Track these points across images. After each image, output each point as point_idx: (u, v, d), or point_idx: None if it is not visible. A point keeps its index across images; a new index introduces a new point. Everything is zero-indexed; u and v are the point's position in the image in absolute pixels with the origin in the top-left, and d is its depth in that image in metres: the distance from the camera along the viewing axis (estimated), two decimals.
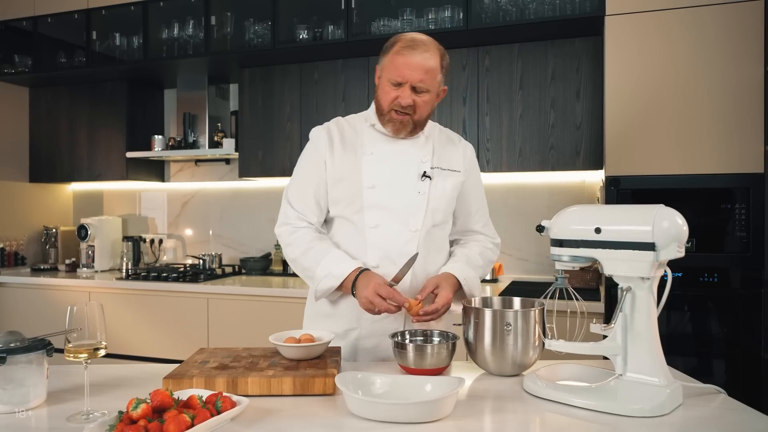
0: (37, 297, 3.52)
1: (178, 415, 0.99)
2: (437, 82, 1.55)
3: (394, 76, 1.51)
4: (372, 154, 1.60)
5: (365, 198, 1.58)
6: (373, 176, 1.58)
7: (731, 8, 2.34)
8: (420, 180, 1.59)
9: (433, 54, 1.52)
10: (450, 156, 1.67)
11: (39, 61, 3.67)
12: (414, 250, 1.57)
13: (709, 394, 1.27)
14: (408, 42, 1.51)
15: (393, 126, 1.57)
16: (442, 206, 1.62)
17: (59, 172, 3.91)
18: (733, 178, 2.35)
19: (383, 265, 1.57)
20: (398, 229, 1.57)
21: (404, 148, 1.62)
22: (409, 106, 1.52)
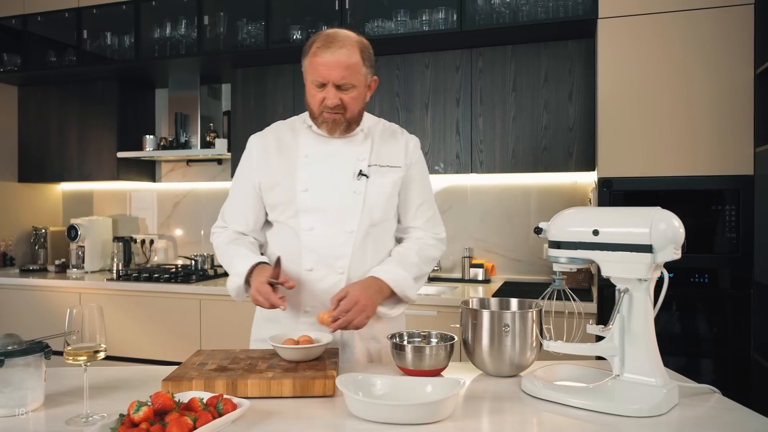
0: (27, 298, 3.48)
1: (179, 417, 0.99)
2: (361, 75, 1.51)
3: (315, 78, 1.49)
4: (307, 157, 1.59)
5: (300, 201, 1.56)
6: (307, 179, 1.57)
7: (722, 12, 2.38)
8: (356, 179, 1.57)
9: (350, 49, 1.48)
10: (390, 151, 1.63)
11: (28, 60, 3.63)
12: (350, 251, 1.56)
13: (704, 394, 1.28)
14: (323, 41, 1.48)
15: (327, 126, 1.55)
16: (380, 204, 1.58)
17: (49, 171, 3.87)
18: (723, 180, 2.38)
19: (318, 268, 1.57)
20: (334, 231, 1.56)
21: (340, 148, 1.60)
22: (337, 106, 1.50)
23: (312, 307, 1.59)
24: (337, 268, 1.57)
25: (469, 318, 1.41)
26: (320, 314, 1.46)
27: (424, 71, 3.10)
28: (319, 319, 1.45)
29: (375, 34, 2.99)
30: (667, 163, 2.45)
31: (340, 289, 1.50)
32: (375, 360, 1.64)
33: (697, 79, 2.42)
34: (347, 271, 1.56)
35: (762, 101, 2.33)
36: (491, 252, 3.31)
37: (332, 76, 1.47)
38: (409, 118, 3.12)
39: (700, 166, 2.41)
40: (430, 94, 3.09)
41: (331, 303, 1.47)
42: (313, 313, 1.58)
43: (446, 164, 3.06)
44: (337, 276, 1.57)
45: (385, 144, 1.64)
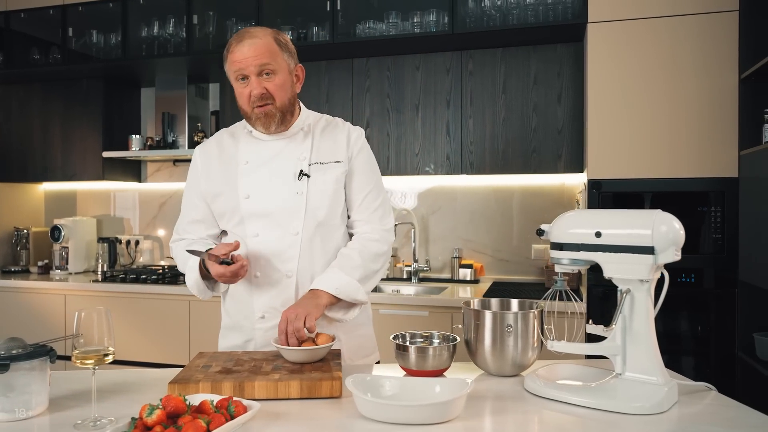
0: (8, 300, 3.42)
1: (193, 420, 0.99)
2: (281, 60, 1.51)
3: (236, 73, 1.50)
4: (247, 163, 1.57)
5: (243, 208, 1.56)
6: (249, 185, 1.56)
7: (708, 18, 2.43)
8: (297, 180, 1.55)
9: (262, 37, 1.49)
10: (331, 146, 1.60)
11: (11, 58, 3.57)
12: (297, 254, 1.54)
13: (700, 392, 1.32)
14: (235, 38, 1.51)
15: (261, 122, 1.53)
16: (324, 203, 1.56)
17: (31, 171, 3.80)
18: (709, 182, 2.44)
19: (266, 273, 1.56)
20: (279, 234, 1.55)
21: (280, 150, 1.58)
22: (263, 95, 1.49)
23: (266, 312, 1.58)
24: (286, 272, 1.55)
25: (472, 318, 1.42)
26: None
27: (415, 73, 3.12)
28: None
29: (366, 35, 3.00)
30: (655, 166, 2.50)
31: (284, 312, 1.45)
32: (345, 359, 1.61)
33: (683, 84, 2.47)
34: (295, 274, 1.55)
35: (746, 105, 2.39)
36: (480, 252, 3.34)
37: (249, 63, 1.47)
38: (400, 119, 3.13)
39: (687, 168, 2.47)
40: (420, 96, 3.11)
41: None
42: (269, 319, 1.57)
43: (437, 165, 3.09)
44: (285, 279, 1.56)
45: (326, 140, 1.62)
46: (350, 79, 3.18)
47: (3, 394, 1.11)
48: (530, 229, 3.26)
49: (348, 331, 1.62)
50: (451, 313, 2.73)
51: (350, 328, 1.63)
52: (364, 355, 1.67)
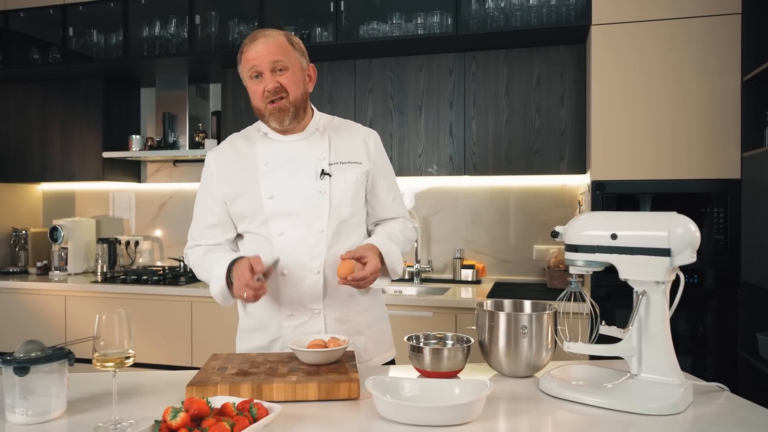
0: (8, 301, 3.39)
1: (218, 423, 0.99)
2: (294, 57, 1.55)
3: (250, 71, 1.53)
4: (267, 164, 1.59)
5: (267, 209, 1.57)
6: (271, 186, 1.58)
7: (711, 21, 2.45)
8: (319, 179, 1.58)
9: (275, 36, 1.54)
10: (349, 147, 1.64)
11: (10, 57, 3.54)
12: (323, 250, 1.57)
13: (713, 392, 1.33)
14: (248, 39, 1.55)
15: (275, 117, 1.54)
16: (346, 201, 1.60)
17: (29, 171, 3.77)
18: (711, 184, 2.46)
19: (293, 271, 1.57)
20: (304, 232, 1.57)
21: (299, 150, 1.60)
22: (277, 89, 1.51)
23: (294, 310, 1.59)
24: (313, 269, 1.58)
25: (486, 320, 1.43)
26: (341, 268, 1.45)
27: (418, 74, 3.12)
28: (339, 272, 1.45)
29: (369, 36, 3.01)
30: (658, 167, 2.52)
31: (358, 247, 1.53)
32: (362, 352, 1.64)
33: (686, 86, 2.49)
34: (323, 270, 1.58)
35: (749, 107, 2.41)
36: (481, 253, 3.35)
37: (263, 60, 1.51)
38: (403, 120, 3.14)
39: (690, 169, 2.49)
40: (423, 97, 3.12)
41: (349, 253, 1.48)
42: (297, 316, 1.59)
43: (439, 166, 3.09)
44: (314, 276, 1.58)
45: (342, 140, 1.65)
46: (353, 79, 3.18)
47: (22, 397, 1.11)
48: (531, 230, 3.27)
49: (370, 326, 1.66)
50: (455, 314, 2.73)
51: (371, 323, 1.67)
52: (384, 350, 1.71)
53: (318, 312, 1.59)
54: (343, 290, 1.60)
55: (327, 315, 1.59)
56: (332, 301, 1.60)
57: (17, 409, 1.11)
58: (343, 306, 1.61)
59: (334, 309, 1.60)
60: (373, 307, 1.69)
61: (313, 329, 1.58)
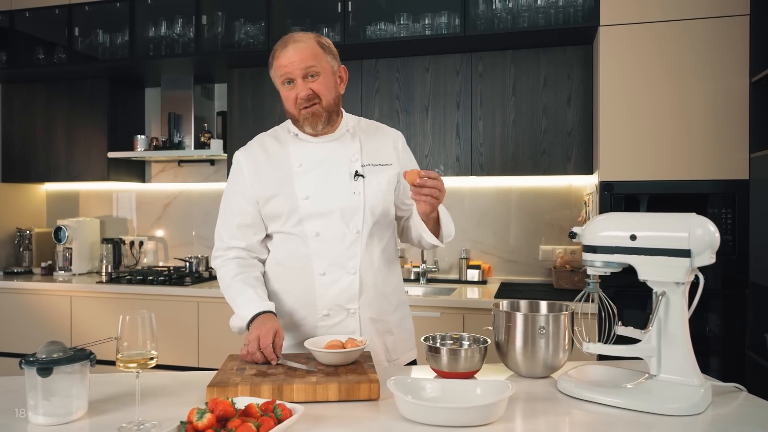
0: (12, 301, 3.39)
1: (243, 423, 0.99)
2: (325, 62, 1.56)
3: (282, 77, 1.55)
4: (301, 166, 1.61)
5: (302, 209, 1.58)
6: (307, 186, 1.59)
7: (719, 22, 2.46)
8: (353, 180, 1.60)
9: (306, 41, 1.54)
10: (379, 149, 1.67)
11: (15, 57, 3.53)
12: (359, 251, 1.59)
13: (730, 392, 1.34)
14: (279, 45, 1.56)
15: (309, 123, 1.56)
16: (379, 201, 1.62)
17: (34, 171, 3.77)
18: (719, 184, 2.47)
19: (330, 271, 1.58)
20: (341, 231, 1.59)
21: (332, 151, 1.62)
22: (310, 96, 1.53)
23: (330, 309, 1.60)
24: (349, 269, 1.59)
25: (503, 320, 1.43)
26: (409, 175, 1.43)
27: (425, 74, 3.12)
28: (408, 175, 1.43)
29: (377, 37, 3.01)
30: (667, 168, 2.52)
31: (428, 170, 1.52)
32: (391, 350, 1.67)
33: (695, 87, 2.50)
34: (359, 270, 1.59)
35: (757, 109, 2.42)
36: (487, 253, 3.35)
37: (295, 67, 1.52)
38: (409, 120, 3.14)
39: (698, 170, 2.50)
40: (430, 97, 3.12)
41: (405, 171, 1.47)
42: (333, 316, 1.60)
43: (446, 167, 3.10)
44: (350, 276, 1.59)
45: (373, 142, 1.68)
46: (359, 80, 3.18)
47: (45, 398, 1.11)
48: (537, 231, 3.28)
49: (398, 325, 1.68)
50: (462, 314, 2.74)
51: (399, 322, 1.69)
52: (409, 348, 1.74)
53: (353, 312, 1.60)
54: (376, 290, 1.62)
55: (362, 315, 1.61)
56: (366, 301, 1.61)
57: (40, 409, 1.11)
58: (377, 306, 1.63)
59: (368, 308, 1.61)
60: (400, 306, 1.72)
61: (347, 329, 1.59)
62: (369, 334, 1.61)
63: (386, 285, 1.66)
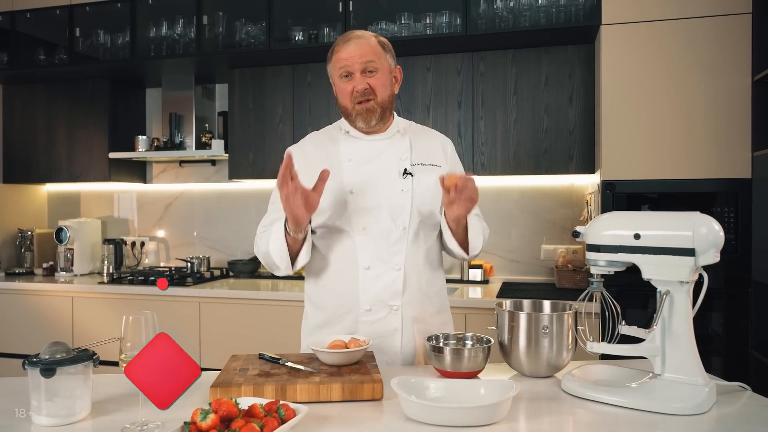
0: (14, 302, 3.38)
1: (247, 424, 0.99)
2: (385, 59, 1.60)
3: (341, 70, 1.57)
4: (350, 161, 1.62)
5: (350, 203, 1.59)
6: (355, 181, 1.60)
7: (721, 20, 2.46)
8: (402, 178, 1.61)
9: (367, 38, 1.59)
10: (429, 150, 1.69)
11: (16, 58, 3.53)
12: (404, 248, 1.59)
13: (735, 392, 1.33)
14: (341, 39, 1.60)
15: (362, 118, 1.58)
16: (427, 201, 1.63)
17: (35, 172, 3.77)
18: (722, 183, 2.46)
19: (375, 266, 1.59)
20: (387, 228, 1.59)
21: (382, 149, 1.64)
22: (366, 90, 1.56)
23: (373, 305, 1.59)
24: (394, 265, 1.59)
25: (506, 320, 1.43)
26: (448, 179, 1.44)
27: (426, 74, 3.12)
28: (449, 179, 1.43)
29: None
30: (669, 167, 2.52)
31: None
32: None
33: (697, 85, 2.49)
34: (404, 267, 1.59)
35: (759, 107, 2.41)
36: (489, 253, 3.35)
37: (355, 61, 1.55)
38: (411, 120, 3.12)
39: (700, 169, 2.49)
40: (431, 97, 3.12)
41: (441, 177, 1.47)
42: (375, 311, 1.59)
43: None
44: (394, 273, 1.59)
45: (423, 143, 1.70)
46: None
47: (48, 399, 1.11)
48: (539, 230, 3.28)
49: (438, 329, 1.66)
50: (465, 314, 2.73)
51: (440, 326, 1.68)
52: None
53: (396, 309, 1.59)
54: (419, 290, 1.62)
55: (404, 313, 1.60)
56: (410, 299, 1.61)
57: (43, 410, 1.11)
58: (419, 305, 1.62)
59: (410, 307, 1.61)
60: (443, 311, 1.71)
61: (390, 326, 1.59)
62: (410, 334, 1.61)
63: (430, 286, 1.66)
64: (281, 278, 3.39)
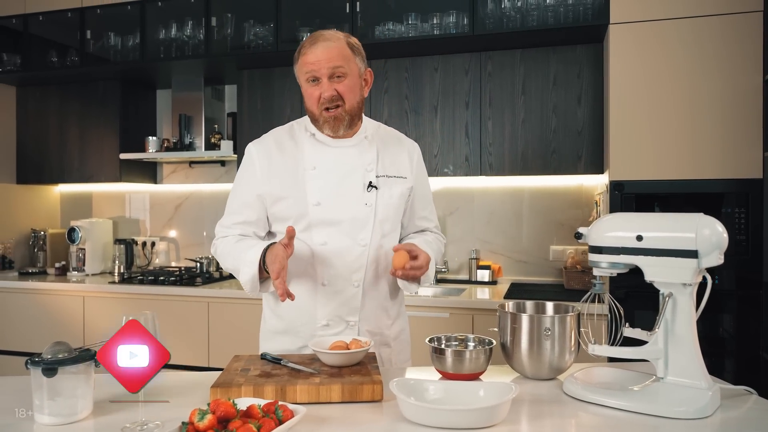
0: (27, 302, 3.43)
1: (244, 425, 0.99)
2: (353, 64, 1.53)
3: (307, 73, 1.51)
4: (315, 169, 1.56)
5: (312, 215, 1.55)
6: (318, 192, 1.55)
7: (732, 19, 2.42)
8: (366, 191, 1.57)
9: (336, 41, 1.51)
10: (395, 159, 1.64)
11: (28, 60, 3.58)
12: (364, 264, 1.56)
13: (740, 395, 1.31)
14: (309, 40, 1.52)
15: (329, 125, 1.53)
16: (390, 215, 1.60)
17: (48, 173, 3.82)
18: (733, 184, 2.43)
19: (333, 282, 1.56)
20: (347, 244, 1.55)
21: (348, 158, 1.58)
22: (334, 97, 1.49)
23: (330, 320, 1.58)
24: (353, 281, 1.57)
25: (508, 321, 1.42)
26: (397, 259, 1.47)
27: (433, 74, 3.12)
28: (396, 263, 1.47)
29: (385, 37, 3.00)
30: (678, 167, 2.49)
31: (406, 243, 1.55)
32: (386, 362, 1.65)
33: (707, 84, 2.46)
34: (362, 284, 1.57)
35: None
36: (497, 254, 3.33)
37: (322, 65, 1.48)
38: (418, 120, 3.13)
39: (710, 169, 2.46)
40: (439, 97, 3.11)
41: (395, 249, 1.49)
42: (333, 326, 1.58)
43: (455, 167, 3.08)
44: (353, 289, 1.57)
45: (390, 152, 1.65)
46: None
47: (50, 398, 1.12)
48: (547, 231, 3.26)
49: (395, 338, 1.67)
50: (472, 315, 2.72)
51: (396, 335, 1.68)
52: (404, 359, 1.72)
53: (353, 324, 1.58)
54: (377, 304, 1.60)
55: (361, 327, 1.59)
56: (367, 314, 1.60)
57: (45, 409, 1.12)
58: (376, 319, 1.62)
59: (367, 321, 1.60)
60: (399, 319, 1.70)
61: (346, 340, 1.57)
62: None
63: (388, 299, 1.64)
64: None
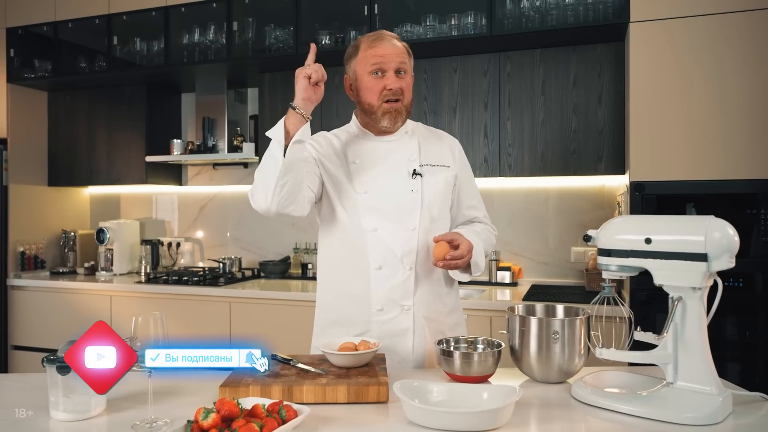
0: (57, 301, 3.54)
1: (247, 424, 1.01)
2: (411, 64, 1.65)
3: (374, 66, 1.57)
4: (355, 162, 1.63)
5: (360, 203, 1.60)
6: (364, 182, 1.61)
7: (757, 15, 2.36)
8: (411, 178, 1.62)
9: (398, 41, 1.62)
10: (437, 151, 1.69)
11: (59, 66, 3.69)
12: (416, 247, 1.60)
13: (755, 402, 1.29)
14: (376, 36, 1.61)
15: (390, 117, 1.59)
16: (437, 201, 1.64)
17: (78, 175, 3.93)
18: (757, 184, 2.37)
19: (387, 265, 1.59)
20: (397, 228, 1.60)
21: (390, 150, 1.65)
22: (398, 90, 1.57)
23: (385, 304, 1.60)
24: (406, 265, 1.60)
25: (517, 324, 1.41)
26: (437, 249, 1.51)
27: (452, 75, 3.11)
28: (436, 253, 1.51)
29: (404, 38, 3.00)
30: (700, 167, 2.44)
31: (448, 233, 1.58)
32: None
33: (730, 82, 2.40)
34: (415, 267, 1.60)
35: None
36: (518, 255, 3.31)
37: (391, 59, 1.57)
38: (437, 121, 3.13)
39: (734, 169, 2.40)
40: (458, 98, 3.10)
41: (435, 240, 1.54)
42: (387, 311, 1.60)
43: (475, 168, 3.02)
44: (406, 272, 1.60)
45: (431, 144, 1.71)
46: None
47: (64, 395, 1.16)
48: (569, 232, 3.22)
49: (452, 329, 1.68)
50: (490, 317, 2.71)
51: (453, 326, 1.69)
52: None
53: (408, 309, 1.60)
54: (431, 289, 1.63)
55: (416, 312, 1.61)
56: (421, 299, 1.62)
57: (60, 406, 1.16)
58: (431, 305, 1.63)
59: (423, 307, 1.62)
60: (455, 311, 1.72)
61: (401, 326, 1.60)
62: (422, 333, 1.61)
63: (441, 285, 1.67)
64: (311, 279, 3.44)
